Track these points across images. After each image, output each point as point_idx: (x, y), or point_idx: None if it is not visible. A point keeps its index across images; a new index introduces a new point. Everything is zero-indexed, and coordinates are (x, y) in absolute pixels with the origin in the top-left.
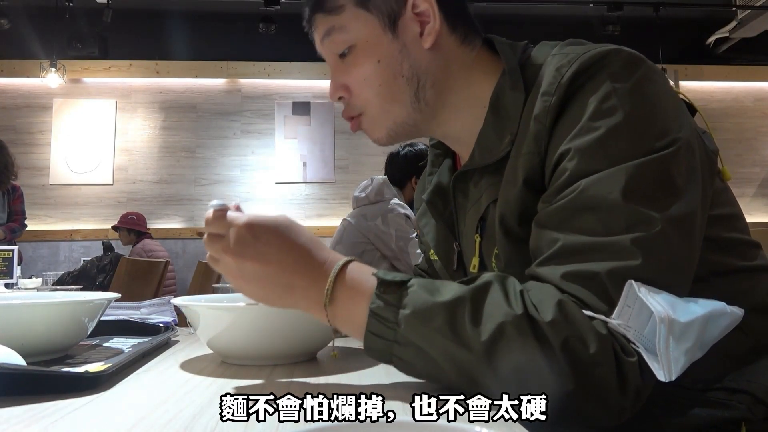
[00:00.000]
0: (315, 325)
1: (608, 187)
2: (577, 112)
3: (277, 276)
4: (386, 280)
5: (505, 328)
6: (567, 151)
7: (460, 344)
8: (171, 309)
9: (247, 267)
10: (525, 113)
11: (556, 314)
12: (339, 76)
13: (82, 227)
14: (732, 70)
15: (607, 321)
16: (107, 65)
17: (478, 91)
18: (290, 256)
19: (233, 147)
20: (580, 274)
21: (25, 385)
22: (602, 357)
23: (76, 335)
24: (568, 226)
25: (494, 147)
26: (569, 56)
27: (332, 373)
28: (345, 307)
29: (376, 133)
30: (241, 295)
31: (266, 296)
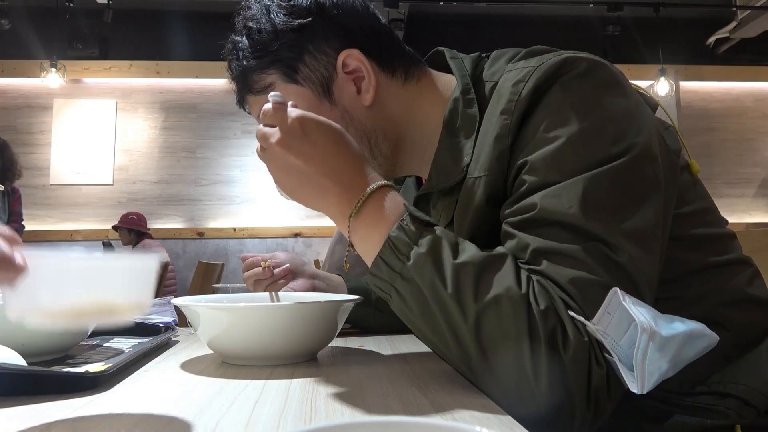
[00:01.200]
0: (315, 325)
1: (567, 202)
2: (533, 125)
3: (316, 175)
4: (414, 215)
5: (502, 299)
6: (524, 163)
7: (457, 299)
8: (171, 309)
9: (291, 160)
10: (482, 132)
11: (549, 306)
12: None
13: (83, 227)
14: (732, 70)
15: (586, 324)
16: (108, 65)
17: (432, 117)
18: (333, 161)
19: (234, 147)
20: (551, 277)
21: (25, 385)
22: (579, 361)
23: (77, 335)
24: (533, 233)
25: (450, 169)
26: (525, 70)
27: (332, 373)
28: (367, 224)
29: None
30: (241, 295)
31: (301, 193)
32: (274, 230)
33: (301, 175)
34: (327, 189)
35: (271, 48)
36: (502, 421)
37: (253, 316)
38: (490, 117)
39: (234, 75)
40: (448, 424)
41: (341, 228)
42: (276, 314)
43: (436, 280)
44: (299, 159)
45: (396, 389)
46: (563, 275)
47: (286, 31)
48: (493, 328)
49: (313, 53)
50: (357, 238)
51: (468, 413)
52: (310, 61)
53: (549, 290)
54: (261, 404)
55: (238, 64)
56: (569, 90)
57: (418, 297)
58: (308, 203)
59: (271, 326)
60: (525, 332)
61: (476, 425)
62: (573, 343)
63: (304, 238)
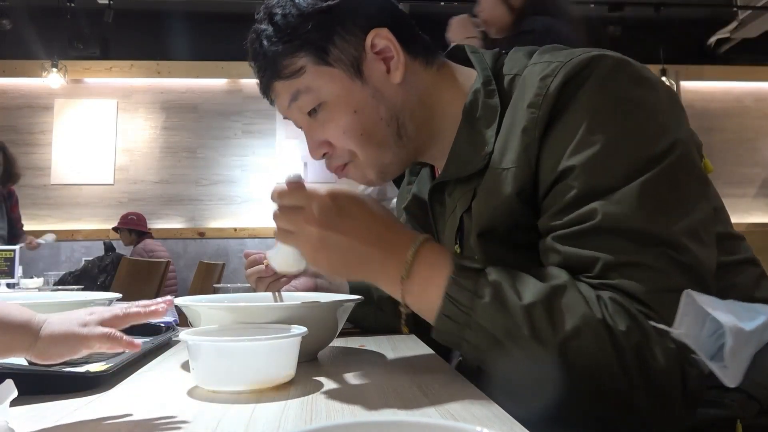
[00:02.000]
0: (316, 324)
1: (625, 211)
2: (569, 124)
3: (360, 246)
4: (463, 265)
5: (581, 330)
6: (570, 168)
7: (536, 338)
8: (172, 309)
9: (332, 237)
10: (505, 124)
11: (630, 324)
12: (316, 134)
13: (84, 227)
14: (733, 70)
15: (670, 331)
16: (108, 65)
17: (451, 107)
18: (373, 228)
19: (234, 147)
20: (627, 291)
21: (26, 385)
22: (671, 371)
23: None
24: (600, 246)
25: (469, 159)
26: (552, 65)
27: (333, 373)
28: (420, 283)
29: (366, 177)
30: (242, 295)
31: (344, 267)
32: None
33: (343, 250)
34: (372, 257)
35: (301, 31)
36: (502, 420)
37: (254, 315)
38: (516, 109)
39: (260, 63)
40: (449, 423)
41: (392, 291)
42: (277, 314)
43: (510, 325)
44: (341, 234)
45: (397, 389)
46: (640, 288)
47: (315, 13)
48: (580, 359)
49: (342, 34)
50: (412, 299)
51: (469, 413)
52: (340, 42)
53: (625, 305)
54: (261, 404)
55: (265, 51)
56: (603, 88)
57: (493, 343)
58: (352, 275)
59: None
60: (612, 356)
61: (477, 425)
62: (662, 354)
63: None
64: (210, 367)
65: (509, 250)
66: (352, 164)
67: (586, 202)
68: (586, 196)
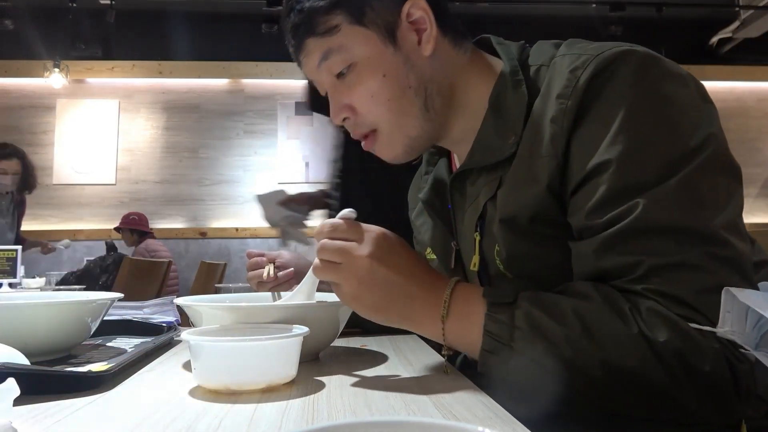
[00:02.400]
0: (318, 325)
1: (666, 208)
2: (600, 118)
3: (406, 284)
4: (494, 302)
5: (622, 346)
6: (604, 163)
7: (578, 359)
8: (174, 309)
9: (380, 271)
10: (533, 115)
11: (669, 332)
12: (340, 97)
13: (85, 227)
14: (735, 70)
15: (716, 331)
16: (110, 65)
17: (477, 93)
18: (416, 269)
19: (236, 147)
20: (674, 295)
21: (28, 384)
22: (719, 370)
23: (80, 335)
24: (643, 248)
25: (496, 147)
26: (582, 57)
27: (335, 373)
28: (460, 321)
29: (393, 151)
30: (243, 294)
31: (387, 304)
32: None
33: (390, 285)
34: (415, 295)
35: None
36: (504, 420)
37: (255, 316)
38: (544, 99)
39: (294, 19)
40: (451, 423)
41: (431, 331)
42: (278, 314)
43: (552, 350)
44: (390, 270)
45: (398, 389)
46: (685, 290)
47: None
48: (624, 375)
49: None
50: (453, 337)
51: (470, 413)
52: (377, 5)
53: (663, 313)
54: (263, 404)
55: (302, 6)
56: (635, 83)
57: (536, 369)
58: (392, 313)
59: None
60: (657, 367)
61: (478, 425)
62: (707, 356)
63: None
64: (211, 367)
65: (529, 242)
66: (379, 134)
67: (623, 200)
68: (623, 193)
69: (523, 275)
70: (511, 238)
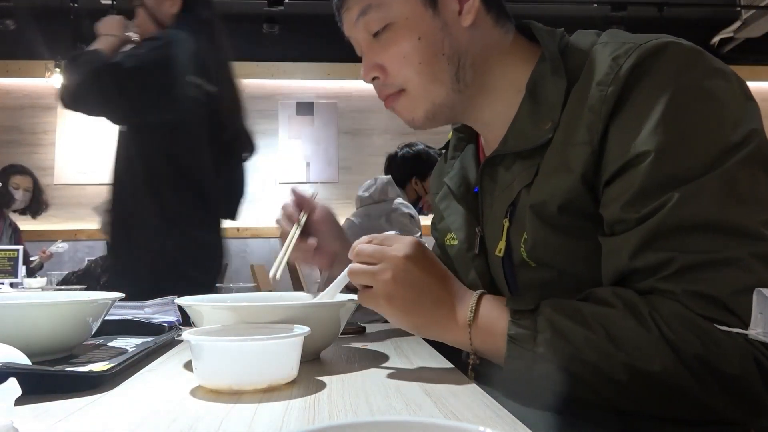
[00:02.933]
0: (319, 325)
1: (705, 202)
2: (640, 108)
3: (436, 288)
4: (517, 309)
5: (643, 349)
6: (642, 154)
7: (602, 362)
8: (175, 309)
9: (416, 273)
10: (571, 101)
11: (692, 337)
12: (373, 56)
13: (87, 227)
14: (736, 70)
15: (747, 333)
16: None
17: (514, 76)
18: (447, 276)
19: None
20: (708, 294)
21: (29, 384)
22: (747, 372)
23: (81, 335)
24: (677, 245)
25: (531, 133)
26: (626, 45)
27: (336, 372)
28: (486, 327)
29: (413, 113)
30: (244, 294)
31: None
32: (277, 230)
33: (422, 286)
34: (443, 300)
35: None
36: (505, 420)
37: (257, 315)
38: (583, 87)
39: None
40: (452, 423)
41: (458, 337)
42: (279, 314)
43: (576, 354)
44: (423, 272)
45: (399, 389)
46: (722, 289)
47: None
48: (651, 378)
49: None
50: (478, 343)
51: (471, 413)
52: None
53: (684, 316)
54: (264, 404)
55: None
56: (677, 75)
57: (560, 374)
58: (421, 315)
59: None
60: (680, 369)
61: (480, 425)
62: (734, 359)
63: None
64: (213, 367)
65: (556, 231)
66: (405, 95)
67: (659, 193)
68: (660, 185)
69: (545, 264)
70: (537, 225)
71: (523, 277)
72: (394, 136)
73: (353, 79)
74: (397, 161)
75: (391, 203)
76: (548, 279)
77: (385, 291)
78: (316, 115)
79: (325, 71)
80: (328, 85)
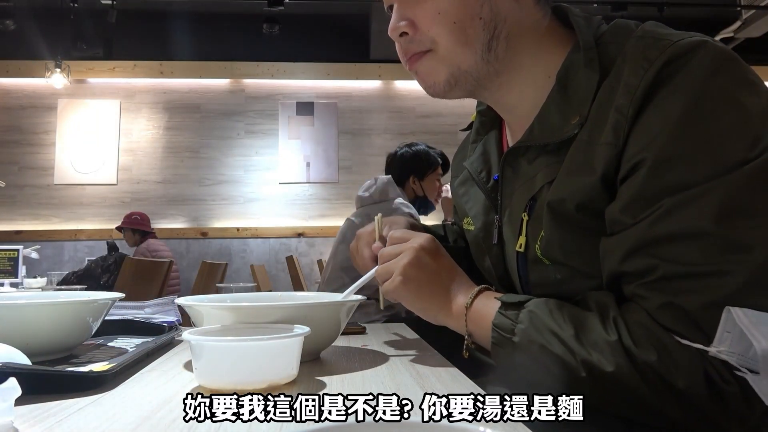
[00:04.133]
0: (319, 325)
1: (700, 211)
2: (661, 109)
3: (443, 275)
4: (507, 302)
5: (601, 349)
6: (649, 158)
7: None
8: (175, 309)
9: (427, 260)
10: (600, 97)
11: (648, 346)
12: (405, 10)
13: (87, 227)
14: None
15: (707, 350)
16: (111, 66)
17: (545, 62)
18: (453, 268)
19: (237, 147)
20: (679, 306)
21: (29, 384)
22: (694, 388)
23: (81, 335)
24: (664, 252)
25: (557, 126)
26: (660, 43)
27: (337, 372)
28: (479, 315)
29: (436, 76)
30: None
31: (425, 286)
32: (277, 230)
33: (432, 273)
34: (448, 288)
35: None
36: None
37: (257, 315)
38: (614, 83)
39: None
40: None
41: (456, 321)
42: (280, 314)
43: (545, 344)
44: (435, 262)
45: (400, 389)
46: (693, 302)
47: None
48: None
49: None
50: (473, 327)
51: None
52: None
53: (647, 326)
54: None
55: None
56: (706, 79)
57: (535, 364)
58: (429, 297)
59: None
60: (634, 377)
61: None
62: (682, 373)
63: (308, 238)
64: (213, 367)
65: (572, 230)
66: (431, 55)
67: (656, 199)
68: (658, 191)
69: (559, 263)
70: (554, 223)
71: (535, 274)
72: (394, 136)
73: (353, 79)
74: (397, 160)
75: (391, 203)
76: (561, 277)
77: (403, 273)
78: (316, 115)
79: (325, 71)
80: (328, 85)
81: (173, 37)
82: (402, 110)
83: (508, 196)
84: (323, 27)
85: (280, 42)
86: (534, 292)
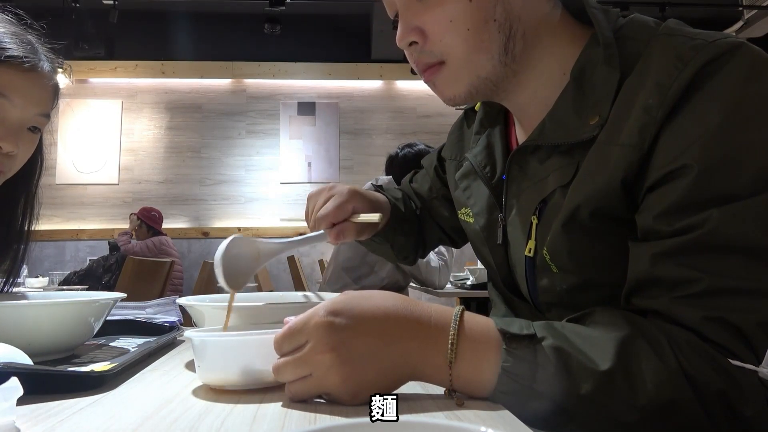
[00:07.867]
0: None
1: (747, 225)
2: (697, 113)
3: (387, 348)
4: (513, 334)
5: (662, 385)
6: (689, 165)
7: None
8: (176, 309)
9: (353, 351)
10: (622, 97)
11: (711, 371)
12: (413, 18)
13: (88, 227)
14: None
15: (758, 371)
16: (113, 66)
17: (560, 58)
18: (393, 322)
19: (238, 147)
20: (726, 320)
21: (31, 384)
22: (760, 414)
23: (82, 335)
24: (709, 265)
25: (573, 125)
26: (694, 42)
27: None
28: (471, 363)
29: (454, 89)
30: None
31: (380, 375)
32: (278, 230)
33: (371, 357)
34: (408, 352)
35: None
36: (506, 420)
37: (258, 315)
38: (639, 82)
39: None
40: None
41: (439, 380)
42: (281, 314)
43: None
44: (362, 342)
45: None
46: (746, 320)
47: None
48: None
49: None
50: (462, 382)
51: (472, 413)
52: None
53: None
54: (266, 404)
55: None
56: (746, 83)
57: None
58: (392, 381)
59: (275, 326)
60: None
61: (481, 425)
62: (749, 399)
63: None
64: (216, 363)
65: (584, 236)
66: (447, 67)
67: (699, 209)
68: (701, 201)
69: (568, 270)
70: (566, 230)
71: (543, 281)
72: (395, 136)
73: (354, 80)
74: (398, 161)
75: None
76: (570, 286)
77: (339, 389)
78: (317, 115)
79: (327, 71)
80: (329, 85)
81: (175, 37)
82: (403, 110)
83: (514, 195)
84: (325, 27)
85: (282, 42)
86: (541, 298)
